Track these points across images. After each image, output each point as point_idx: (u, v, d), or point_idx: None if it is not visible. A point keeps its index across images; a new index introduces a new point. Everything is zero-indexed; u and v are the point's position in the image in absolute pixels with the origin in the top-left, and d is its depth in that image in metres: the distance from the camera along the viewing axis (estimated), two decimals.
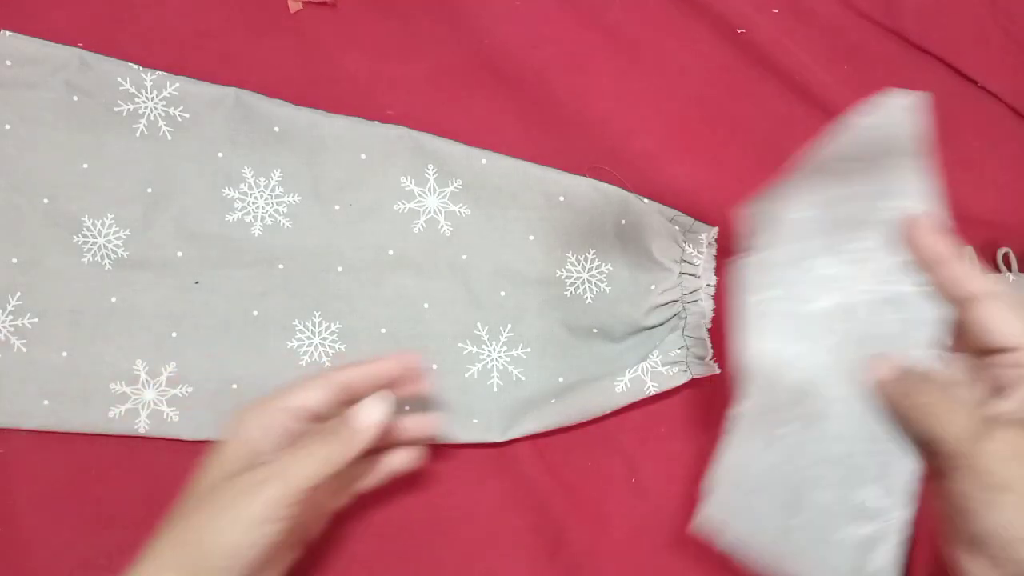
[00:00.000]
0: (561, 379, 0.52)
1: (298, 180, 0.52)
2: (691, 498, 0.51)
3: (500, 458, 0.52)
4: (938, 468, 0.31)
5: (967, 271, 0.33)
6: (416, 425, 0.45)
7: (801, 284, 0.40)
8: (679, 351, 0.51)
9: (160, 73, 0.52)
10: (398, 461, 0.44)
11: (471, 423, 0.51)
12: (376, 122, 0.53)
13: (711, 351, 0.51)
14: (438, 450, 0.52)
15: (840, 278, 0.39)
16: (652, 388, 0.51)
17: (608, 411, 0.51)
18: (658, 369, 0.51)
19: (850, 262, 0.39)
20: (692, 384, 0.51)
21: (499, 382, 0.52)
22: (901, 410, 0.33)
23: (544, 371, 0.52)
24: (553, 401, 0.51)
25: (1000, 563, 0.29)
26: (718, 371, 0.51)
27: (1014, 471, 0.28)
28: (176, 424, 0.50)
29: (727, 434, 0.39)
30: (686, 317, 0.51)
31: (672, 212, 0.52)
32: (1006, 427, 0.29)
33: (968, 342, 0.33)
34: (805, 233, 0.40)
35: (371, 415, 0.37)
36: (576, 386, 0.52)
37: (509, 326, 0.53)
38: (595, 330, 0.53)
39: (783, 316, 0.40)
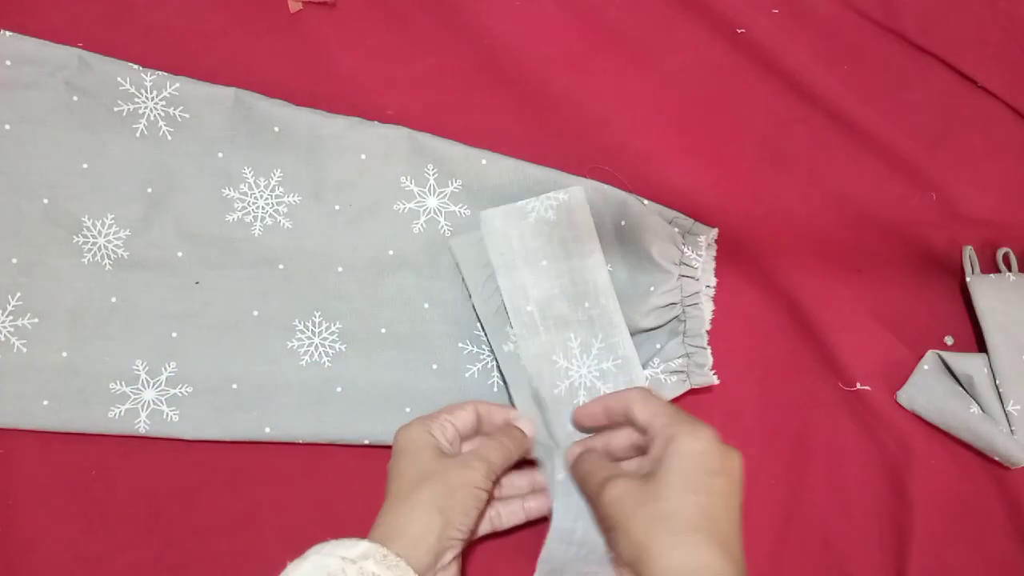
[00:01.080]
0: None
1: (298, 180, 0.52)
2: None
3: None
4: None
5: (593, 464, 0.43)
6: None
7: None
8: (680, 360, 0.51)
9: (160, 73, 0.52)
10: (535, 505, 0.48)
11: None
12: (376, 122, 0.53)
13: (711, 360, 0.51)
14: None
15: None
16: None
17: None
18: (658, 377, 0.51)
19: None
20: (690, 391, 0.51)
21: (499, 382, 0.52)
22: (576, 476, 0.44)
23: None
24: None
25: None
26: (717, 382, 0.51)
27: (618, 512, 0.38)
28: (176, 424, 0.50)
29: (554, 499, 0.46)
30: (686, 321, 0.51)
31: (672, 213, 0.52)
32: (616, 480, 0.39)
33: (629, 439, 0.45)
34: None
35: (530, 427, 0.48)
36: None
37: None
38: None
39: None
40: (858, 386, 0.52)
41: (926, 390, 0.51)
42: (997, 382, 0.49)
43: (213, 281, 0.52)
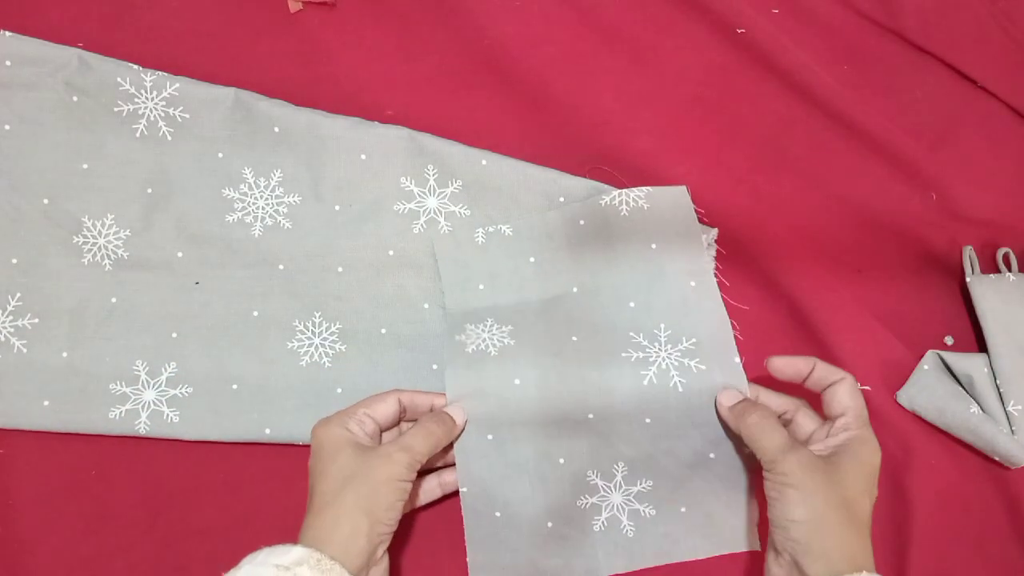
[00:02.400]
0: None
1: (298, 180, 0.52)
2: None
3: None
4: (764, 470, 0.42)
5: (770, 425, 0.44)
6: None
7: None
8: None
9: (160, 73, 0.52)
10: (451, 480, 0.49)
11: None
12: (376, 122, 0.53)
13: None
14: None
15: None
16: None
17: None
18: None
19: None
20: None
21: None
22: (744, 422, 0.44)
23: None
24: None
25: (780, 544, 0.40)
26: None
27: (802, 478, 0.40)
28: (176, 425, 0.50)
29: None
30: None
31: None
32: (802, 450, 0.42)
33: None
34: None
35: (461, 414, 0.47)
36: None
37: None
38: None
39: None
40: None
41: (926, 390, 0.51)
42: (997, 382, 0.49)
43: (213, 281, 0.52)
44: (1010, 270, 0.53)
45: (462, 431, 0.47)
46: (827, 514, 0.39)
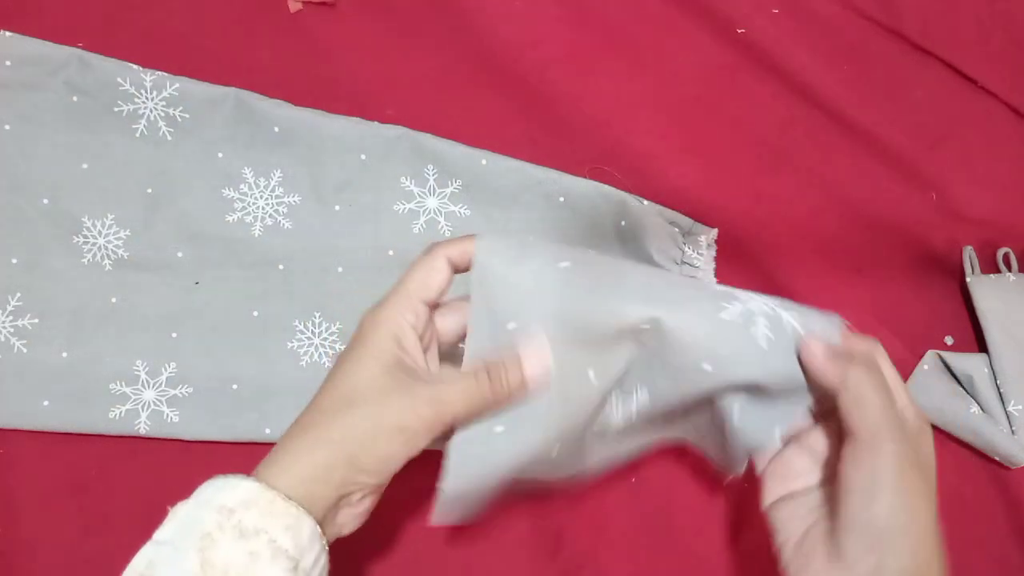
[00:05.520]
0: None
1: (298, 180, 0.52)
2: (691, 498, 0.51)
3: None
4: (847, 444, 0.34)
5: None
6: None
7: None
8: None
9: (160, 73, 0.52)
10: None
11: None
12: (376, 122, 0.53)
13: None
14: (437, 453, 0.52)
15: None
16: None
17: None
18: None
19: None
20: None
21: None
22: (839, 385, 0.35)
23: None
24: None
25: (871, 548, 0.33)
26: None
27: (896, 476, 0.33)
28: (176, 425, 0.50)
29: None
30: None
31: (672, 214, 0.52)
32: (903, 438, 0.34)
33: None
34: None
35: (541, 373, 0.34)
36: None
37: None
38: None
39: None
40: None
41: (926, 390, 0.51)
42: (998, 382, 0.49)
43: (213, 281, 0.52)
44: (1010, 270, 0.53)
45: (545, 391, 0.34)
46: (925, 521, 0.33)
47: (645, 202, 0.52)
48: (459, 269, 0.37)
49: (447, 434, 0.35)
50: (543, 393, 0.35)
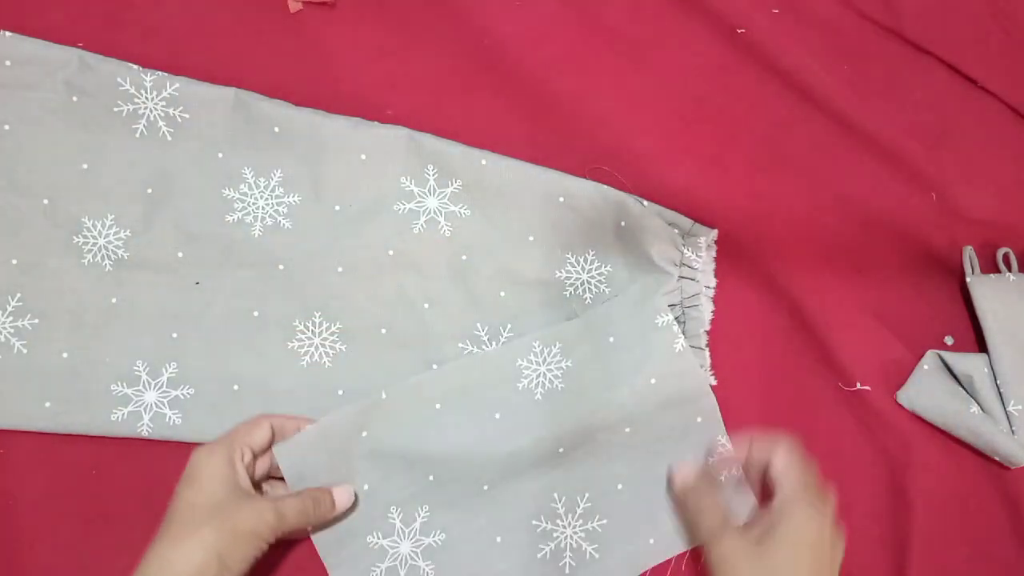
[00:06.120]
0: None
1: (298, 180, 0.52)
2: None
3: None
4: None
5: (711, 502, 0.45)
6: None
7: None
8: None
9: (160, 73, 0.52)
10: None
11: None
12: (376, 122, 0.53)
13: (709, 359, 0.51)
14: None
15: None
16: None
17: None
18: None
19: None
20: None
21: None
22: (683, 503, 0.46)
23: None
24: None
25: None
26: (714, 382, 0.51)
27: (725, 566, 0.41)
28: (179, 427, 0.50)
29: None
30: (685, 322, 0.51)
31: (672, 214, 0.52)
32: (728, 536, 0.42)
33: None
34: None
35: (346, 501, 0.48)
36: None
37: (509, 326, 0.53)
38: None
39: None
40: (858, 386, 0.52)
41: (926, 390, 0.51)
42: (998, 382, 0.49)
43: (213, 282, 0.52)
44: (1010, 270, 0.53)
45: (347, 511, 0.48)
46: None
47: (645, 203, 0.52)
48: (279, 437, 0.48)
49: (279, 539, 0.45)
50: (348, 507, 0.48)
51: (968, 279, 0.52)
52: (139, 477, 0.51)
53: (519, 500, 0.49)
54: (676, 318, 0.51)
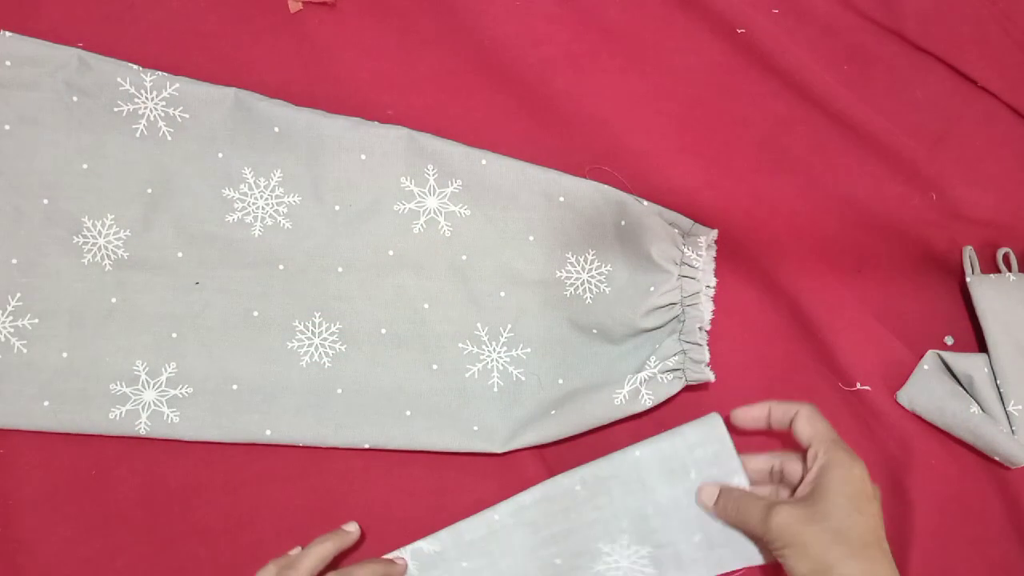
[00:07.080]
0: (561, 380, 0.52)
1: (298, 181, 0.52)
2: None
3: (502, 461, 0.52)
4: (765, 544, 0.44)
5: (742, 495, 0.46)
6: None
7: None
8: (676, 357, 0.51)
9: (160, 73, 0.52)
10: None
11: (472, 431, 0.52)
12: (376, 122, 0.53)
13: (708, 356, 0.51)
14: (443, 456, 0.52)
15: None
16: (648, 400, 0.50)
17: (606, 423, 0.51)
18: (655, 378, 0.51)
19: None
20: (687, 388, 0.51)
21: (499, 382, 0.52)
22: (726, 514, 0.46)
23: (544, 372, 0.52)
24: (553, 412, 0.51)
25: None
26: (713, 379, 0.51)
27: (789, 533, 0.41)
28: (176, 425, 0.50)
29: None
30: (684, 320, 0.51)
31: (672, 214, 0.52)
32: (779, 507, 0.42)
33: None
34: None
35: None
36: (575, 396, 0.52)
37: (509, 326, 0.53)
38: (595, 331, 0.53)
39: None
40: (858, 386, 0.52)
41: (926, 390, 0.51)
42: (998, 382, 0.49)
43: (213, 282, 0.52)
44: (1010, 270, 0.53)
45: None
46: (826, 555, 0.40)
47: (645, 202, 0.52)
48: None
49: None
50: None
51: (968, 279, 0.52)
52: (139, 477, 0.52)
53: None
54: (676, 317, 0.51)
